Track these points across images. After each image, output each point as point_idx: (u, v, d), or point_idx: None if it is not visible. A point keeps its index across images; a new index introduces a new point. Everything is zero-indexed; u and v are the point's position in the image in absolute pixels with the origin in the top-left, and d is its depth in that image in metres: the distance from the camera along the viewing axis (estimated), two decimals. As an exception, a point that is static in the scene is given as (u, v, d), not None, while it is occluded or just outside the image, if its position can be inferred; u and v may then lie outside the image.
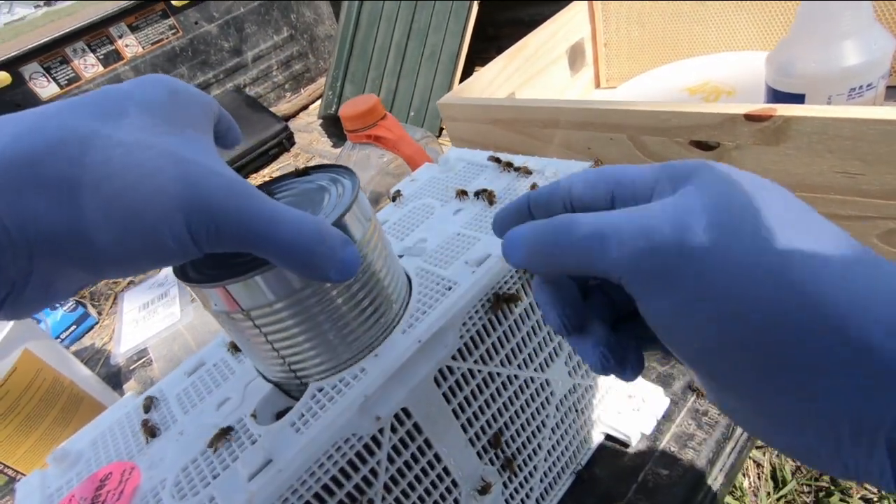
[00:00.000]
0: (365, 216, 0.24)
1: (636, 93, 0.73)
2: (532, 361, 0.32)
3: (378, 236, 0.26)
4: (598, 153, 0.54)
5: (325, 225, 0.20)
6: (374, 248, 0.25)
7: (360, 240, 0.24)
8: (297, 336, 0.24)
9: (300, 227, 0.19)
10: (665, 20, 0.76)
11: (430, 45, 1.04)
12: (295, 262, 0.19)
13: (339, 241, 0.20)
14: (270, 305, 0.22)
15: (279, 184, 0.27)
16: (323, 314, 0.24)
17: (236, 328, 0.24)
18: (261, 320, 0.23)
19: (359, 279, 0.24)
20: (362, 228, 0.24)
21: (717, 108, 0.42)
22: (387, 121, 0.50)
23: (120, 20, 1.28)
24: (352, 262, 0.21)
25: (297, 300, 0.23)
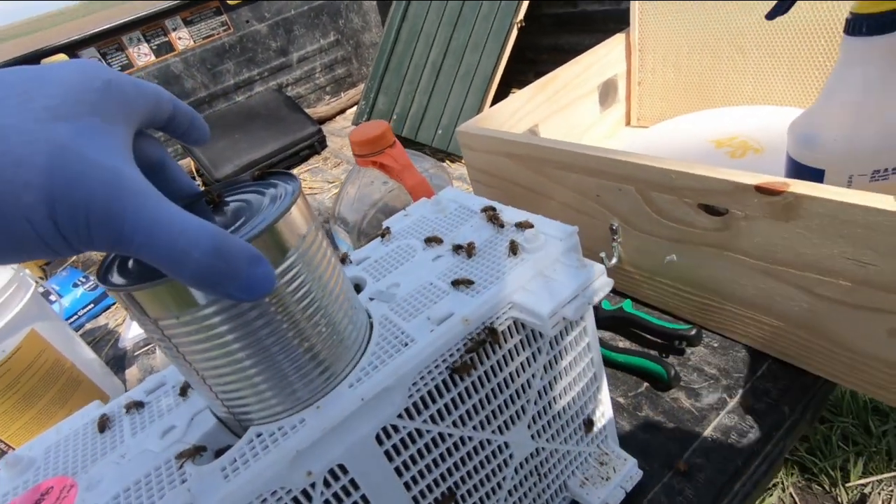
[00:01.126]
0: (294, 236, 0.23)
1: (665, 137, 0.71)
2: (490, 423, 0.31)
3: (328, 270, 0.25)
4: (606, 201, 0.52)
5: (224, 238, 0.18)
6: (318, 282, 0.24)
7: (289, 264, 0.22)
8: (221, 367, 0.23)
9: (189, 236, 0.18)
10: (702, 66, 0.74)
11: (465, 64, 1.04)
12: (185, 273, 0.18)
13: (245, 256, 0.19)
14: (177, 318, 0.21)
15: (233, 187, 0.26)
16: (243, 341, 0.22)
17: (155, 339, 0.23)
18: (170, 331, 0.22)
19: (288, 316, 0.23)
20: (292, 250, 0.23)
21: (727, 175, 0.40)
22: (394, 149, 0.50)
23: (176, 14, 1.34)
24: (261, 280, 0.19)
25: (203, 317, 0.21)
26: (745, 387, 0.45)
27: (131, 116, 0.20)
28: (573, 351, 0.33)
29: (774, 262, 0.41)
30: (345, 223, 0.55)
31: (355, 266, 0.36)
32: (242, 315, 0.22)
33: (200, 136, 0.25)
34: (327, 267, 0.25)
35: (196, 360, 0.23)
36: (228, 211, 0.24)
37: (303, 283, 0.24)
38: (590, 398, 0.37)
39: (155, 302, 0.21)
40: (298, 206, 0.23)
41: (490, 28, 1.00)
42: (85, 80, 0.18)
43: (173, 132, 0.24)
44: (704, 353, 0.49)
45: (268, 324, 0.23)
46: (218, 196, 0.25)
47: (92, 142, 0.17)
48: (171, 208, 0.18)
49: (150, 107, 0.21)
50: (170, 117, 0.23)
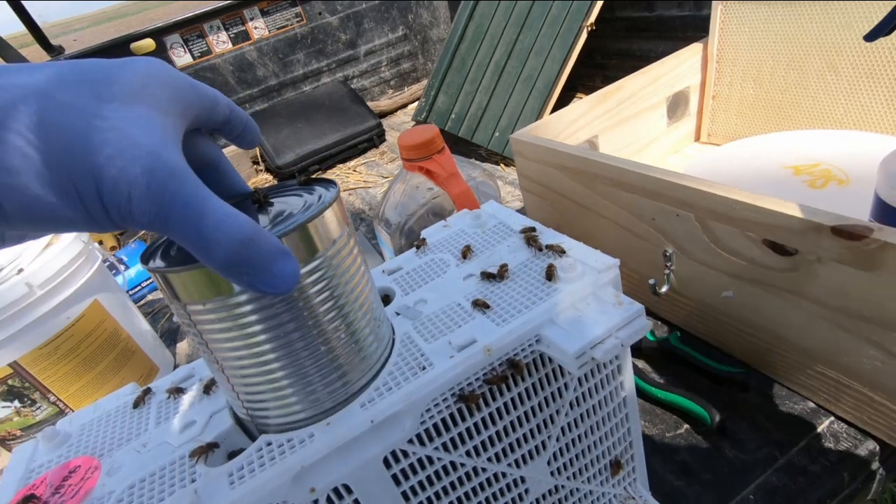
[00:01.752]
0: (324, 239, 0.23)
1: (736, 157, 0.65)
2: (506, 456, 0.30)
3: (356, 277, 0.25)
4: (661, 226, 0.49)
5: (256, 229, 0.19)
6: (343, 287, 0.24)
7: (317, 265, 0.23)
8: (240, 359, 0.23)
9: (225, 224, 0.18)
10: (787, 82, 0.68)
11: (528, 67, 1.02)
12: (213, 258, 0.19)
13: (274, 250, 0.19)
14: (203, 304, 0.22)
15: (278, 190, 0.27)
16: (264, 335, 0.23)
17: (183, 324, 0.24)
18: (197, 317, 0.23)
19: (310, 315, 0.23)
20: (320, 253, 0.23)
21: (799, 211, 0.36)
22: (442, 156, 0.49)
23: (254, 4, 1.39)
24: (285, 275, 0.20)
25: (229, 305, 0.22)
26: (800, 444, 0.41)
27: (186, 113, 0.21)
28: (604, 390, 0.31)
29: (849, 313, 0.37)
30: (387, 225, 0.55)
31: (387, 276, 0.35)
32: (265, 308, 0.22)
33: (252, 140, 0.26)
34: (355, 274, 0.25)
35: (217, 349, 0.24)
36: (271, 211, 0.25)
37: (327, 286, 0.24)
38: (619, 438, 0.34)
39: (186, 285, 0.22)
40: (333, 211, 0.24)
41: (558, 31, 0.97)
42: (144, 75, 0.20)
43: (227, 135, 0.25)
44: (756, 401, 0.45)
45: (290, 320, 0.23)
46: (264, 197, 0.26)
47: (142, 128, 0.18)
48: (209, 195, 0.19)
49: (206, 108, 0.23)
50: (225, 120, 0.24)
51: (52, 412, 0.61)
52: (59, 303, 0.59)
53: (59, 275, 0.59)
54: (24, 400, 0.59)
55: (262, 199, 0.26)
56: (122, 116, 0.18)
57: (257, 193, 0.26)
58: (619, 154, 0.75)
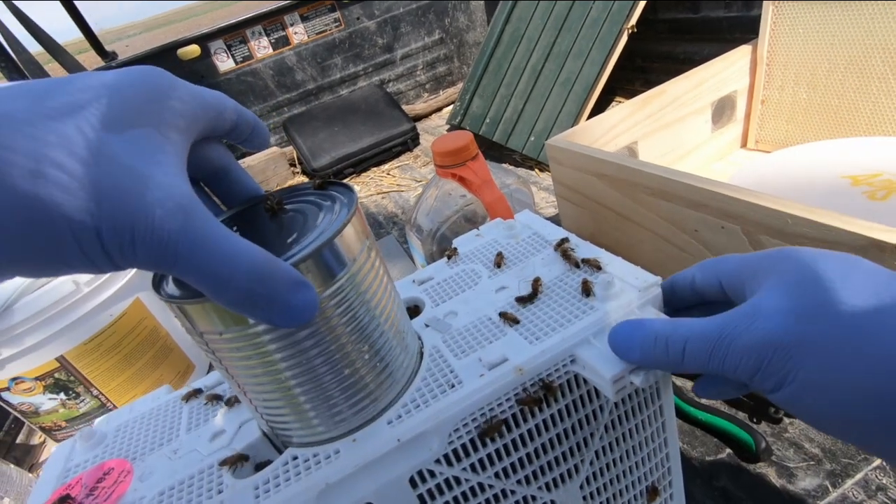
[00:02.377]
0: (345, 258, 0.22)
1: (787, 165, 0.62)
2: (537, 479, 0.29)
3: (379, 291, 0.24)
4: (705, 238, 0.47)
5: (270, 263, 0.18)
6: (366, 306, 0.23)
7: (337, 288, 0.22)
8: (262, 384, 0.23)
9: (237, 260, 0.17)
10: (845, 87, 0.64)
11: (566, 70, 1.00)
12: (225, 298, 0.18)
13: (289, 282, 0.18)
14: (220, 334, 0.21)
15: (292, 194, 0.26)
16: (285, 362, 0.22)
17: (202, 349, 0.23)
18: (215, 345, 0.22)
19: (332, 339, 0.22)
20: (340, 274, 0.22)
21: (861, 228, 0.34)
22: (476, 162, 0.49)
23: (294, 10, 1.42)
24: (303, 307, 0.19)
25: (248, 335, 0.21)
26: (856, 477, 0.38)
27: (191, 127, 0.20)
28: (641, 414, 0.30)
29: (913, 338, 0.34)
30: (419, 231, 0.55)
31: (417, 286, 0.35)
32: (286, 337, 0.22)
33: (261, 143, 0.25)
34: (378, 289, 0.24)
35: (238, 374, 0.23)
36: (285, 219, 0.24)
37: (350, 307, 0.23)
38: (657, 464, 0.33)
39: (202, 316, 0.21)
40: (353, 225, 0.22)
41: (597, 34, 0.95)
42: (144, 88, 0.18)
43: (235, 139, 0.24)
44: (806, 427, 0.42)
45: (312, 346, 0.22)
46: (278, 203, 0.24)
47: (143, 155, 0.17)
48: (218, 230, 0.17)
49: (212, 118, 0.21)
50: (233, 126, 0.23)
51: (94, 405, 0.63)
52: (104, 300, 0.61)
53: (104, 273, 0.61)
54: (69, 393, 0.61)
55: (276, 205, 0.24)
56: (119, 143, 0.16)
57: (270, 199, 0.24)
58: (660, 161, 0.72)
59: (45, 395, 0.60)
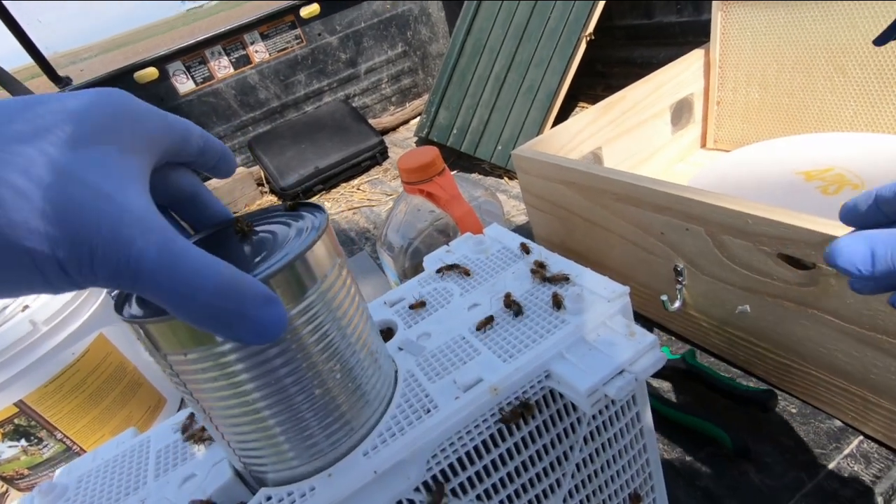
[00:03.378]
0: (315, 275, 0.21)
1: (744, 164, 0.64)
2: (520, 497, 0.28)
3: (350, 310, 0.23)
4: (671, 240, 0.48)
5: (235, 277, 0.18)
6: (337, 325, 0.23)
7: (307, 305, 0.21)
8: (229, 410, 0.22)
9: (201, 274, 0.17)
10: (794, 86, 0.66)
11: (529, 79, 1.01)
12: (190, 314, 0.17)
13: (257, 297, 0.18)
14: (185, 355, 0.20)
15: (263, 216, 0.26)
16: (253, 384, 0.21)
17: (166, 374, 0.22)
18: (179, 367, 0.21)
19: (303, 359, 0.22)
20: (310, 290, 0.21)
21: (816, 224, 0.35)
22: (443, 177, 0.49)
23: (254, 28, 1.41)
24: (271, 324, 0.18)
25: (214, 354, 0.20)
26: (829, 467, 0.39)
27: (154, 148, 0.19)
28: (619, 422, 0.30)
29: (872, 328, 0.35)
30: (390, 248, 0.54)
31: (388, 308, 0.34)
32: (254, 356, 0.21)
33: (228, 170, 0.25)
34: (350, 307, 0.24)
35: (206, 400, 0.22)
36: (255, 241, 0.24)
37: (320, 326, 0.22)
38: (638, 471, 0.33)
39: (165, 336, 0.20)
40: (323, 242, 0.22)
41: (557, 42, 0.96)
42: (106, 109, 0.18)
43: (202, 166, 0.24)
44: (780, 421, 0.43)
45: (283, 366, 0.22)
46: (248, 226, 0.24)
47: (102, 173, 0.17)
48: (181, 245, 0.17)
49: (177, 142, 0.21)
50: (199, 152, 0.23)
51: (59, 449, 0.60)
52: (64, 338, 0.58)
53: (64, 310, 0.59)
54: (30, 438, 0.58)
55: (246, 227, 0.24)
56: (80, 162, 0.16)
57: (240, 223, 0.24)
58: (625, 164, 0.74)
59: (3, 443, 0.57)
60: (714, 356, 0.51)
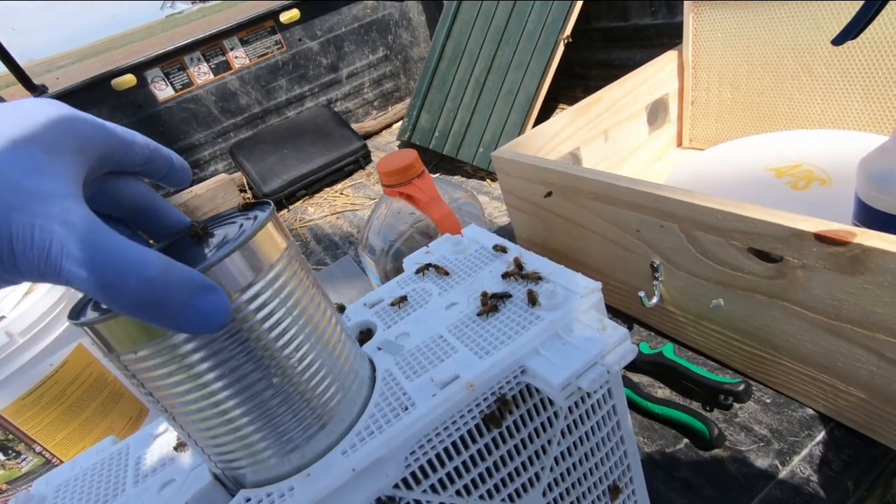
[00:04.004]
0: (259, 265, 0.22)
1: (718, 162, 0.66)
2: (499, 491, 0.29)
3: (306, 305, 0.23)
4: (647, 237, 0.49)
5: (166, 265, 0.17)
6: (295, 316, 0.23)
7: (256, 292, 0.21)
8: (192, 409, 0.22)
9: (124, 264, 0.17)
10: (763, 85, 0.68)
11: (508, 82, 1.02)
12: (121, 304, 0.17)
13: (192, 285, 0.18)
14: (135, 353, 0.20)
15: (219, 219, 0.26)
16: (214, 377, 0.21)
17: (126, 377, 0.22)
18: (133, 367, 0.21)
19: (257, 350, 0.22)
20: (258, 278, 0.21)
21: (782, 219, 0.36)
22: (422, 180, 0.49)
23: (234, 34, 1.40)
24: (209, 311, 0.18)
25: (167, 348, 0.20)
26: (802, 454, 0.40)
27: (85, 152, 0.19)
28: (595, 415, 0.30)
29: (838, 318, 0.36)
30: (372, 251, 0.54)
31: (368, 309, 0.35)
32: (206, 346, 0.21)
33: (182, 180, 0.25)
34: (303, 297, 0.24)
35: (164, 398, 0.22)
36: (213, 243, 0.24)
37: (271, 314, 0.22)
38: (616, 462, 0.33)
39: (114, 334, 0.20)
40: (268, 233, 0.22)
41: (535, 45, 0.98)
42: (34, 114, 0.18)
43: (152, 175, 0.24)
44: (754, 410, 0.44)
45: (234, 357, 0.21)
46: (203, 229, 0.24)
47: (21, 168, 0.17)
48: (107, 235, 0.17)
49: (117, 148, 0.21)
50: (146, 161, 0.23)
51: (38, 462, 0.59)
52: (42, 349, 0.57)
53: (41, 320, 0.58)
54: (8, 452, 0.57)
55: (201, 231, 0.24)
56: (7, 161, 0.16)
57: (194, 226, 0.24)
58: (603, 164, 0.75)
59: (-19, 458, 0.56)
60: (691, 350, 0.52)
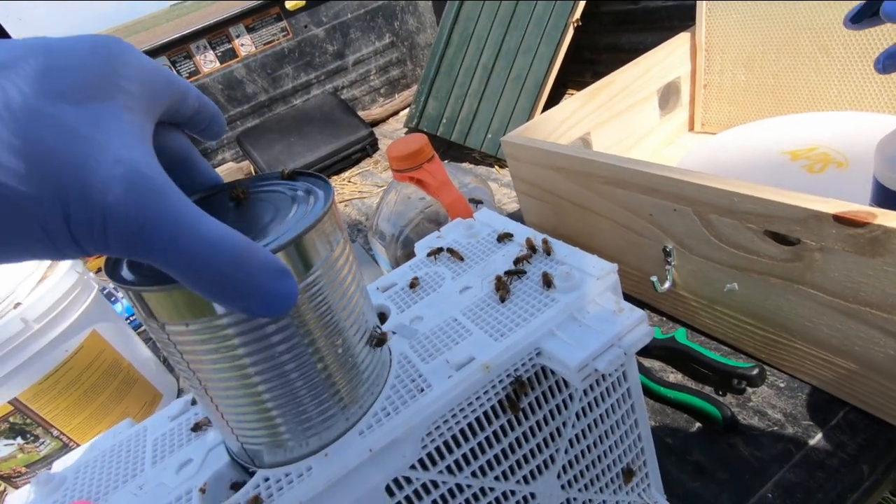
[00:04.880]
0: (322, 249, 0.21)
1: (732, 146, 0.65)
2: (514, 473, 0.29)
3: (352, 287, 0.23)
4: (660, 222, 0.48)
5: (248, 248, 0.17)
6: (341, 301, 0.23)
7: (314, 279, 0.21)
8: (228, 383, 0.22)
9: (212, 245, 0.16)
10: (779, 67, 0.67)
11: (517, 67, 1.01)
12: (202, 284, 0.16)
13: (270, 269, 0.17)
14: (186, 325, 0.20)
15: (259, 183, 0.25)
16: (255, 357, 0.21)
17: (161, 345, 0.22)
18: (178, 338, 0.21)
19: (307, 334, 0.22)
20: (316, 265, 0.21)
21: (800, 200, 0.35)
22: (432, 164, 0.49)
23: (239, 21, 1.39)
24: (283, 296, 0.18)
25: (215, 327, 0.20)
26: (816, 437, 0.40)
27: (155, 106, 0.19)
28: (610, 398, 0.30)
29: (856, 301, 0.36)
30: (382, 237, 0.54)
31: (381, 293, 0.35)
32: (258, 329, 0.21)
33: (218, 132, 0.24)
34: (351, 284, 0.24)
35: (202, 372, 0.22)
36: (252, 208, 0.23)
37: (324, 301, 0.22)
38: (630, 445, 0.33)
39: (166, 306, 0.20)
40: (331, 216, 0.22)
41: (544, 29, 0.96)
42: (109, 60, 0.17)
43: (194, 127, 0.23)
44: (768, 394, 0.44)
45: (285, 341, 0.21)
46: (243, 192, 0.23)
47: (110, 132, 0.15)
48: (195, 212, 0.16)
49: (177, 100, 0.20)
50: (194, 113, 0.22)
51: (56, 446, 0.60)
52: (57, 336, 0.58)
53: (56, 307, 0.58)
54: (26, 436, 0.58)
55: (242, 194, 0.23)
56: (84, 119, 0.15)
57: (236, 188, 0.23)
58: (614, 149, 0.74)
59: (0, 442, 0.57)
60: (704, 335, 0.51)
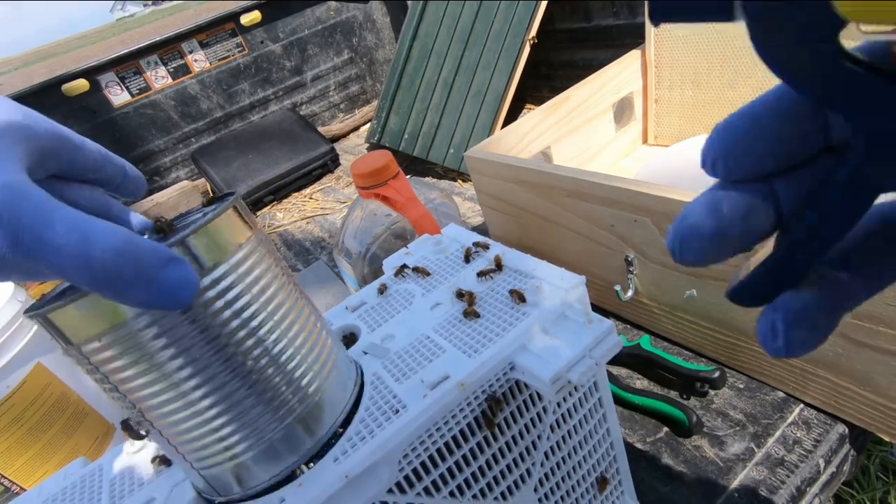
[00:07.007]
0: (227, 246, 0.21)
1: (683, 157, 0.67)
2: (492, 490, 0.29)
3: (276, 292, 0.23)
4: (621, 232, 0.50)
5: (131, 237, 0.17)
6: (263, 306, 0.22)
7: (222, 273, 0.21)
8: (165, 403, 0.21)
9: (89, 235, 0.17)
10: (722, 82, 0.71)
11: (476, 82, 1.03)
12: (85, 277, 0.16)
13: (157, 256, 0.18)
14: (99, 340, 0.19)
15: (186, 215, 0.25)
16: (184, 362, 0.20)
17: (89, 374, 0.21)
18: (97, 357, 0.20)
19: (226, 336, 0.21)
20: (224, 261, 0.21)
21: (751, 210, 0.37)
22: (398, 181, 0.49)
23: (192, 37, 1.36)
24: (177, 283, 0.18)
25: (131, 334, 0.19)
26: (775, 435, 0.42)
27: (30, 140, 0.20)
28: (583, 408, 0.31)
29: (805, 302, 0.38)
30: (348, 255, 0.53)
31: (350, 313, 0.34)
32: (172, 330, 0.20)
33: (135, 190, 0.25)
34: (273, 283, 0.23)
35: (133, 393, 0.21)
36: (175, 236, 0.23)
37: (238, 296, 0.21)
38: (603, 454, 0.34)
39: (73, 321, 0.19)
40: (231, 217, 0.22)
41: (502, 46, 0.99)
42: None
43: (105, 185, 0.25)
44: (729, 396, 0.46)
45: (206, 341, 0.21)
46: (168, 224, 0.23)
47: None
48: (71, 211, 0.17)
49: (63, 147, 0.22)
50: (97, 168, 0.23)
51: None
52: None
53: (-5, 341, 0.54)
54: (-38, 483, 0.53)
55: (167, 226, 0.23)
56: None
57: (160, 221, 0.23)
58: (573, 162, 0.76)
59: (-69, 490, 0.52)
60: (667, 340, 0.53)
